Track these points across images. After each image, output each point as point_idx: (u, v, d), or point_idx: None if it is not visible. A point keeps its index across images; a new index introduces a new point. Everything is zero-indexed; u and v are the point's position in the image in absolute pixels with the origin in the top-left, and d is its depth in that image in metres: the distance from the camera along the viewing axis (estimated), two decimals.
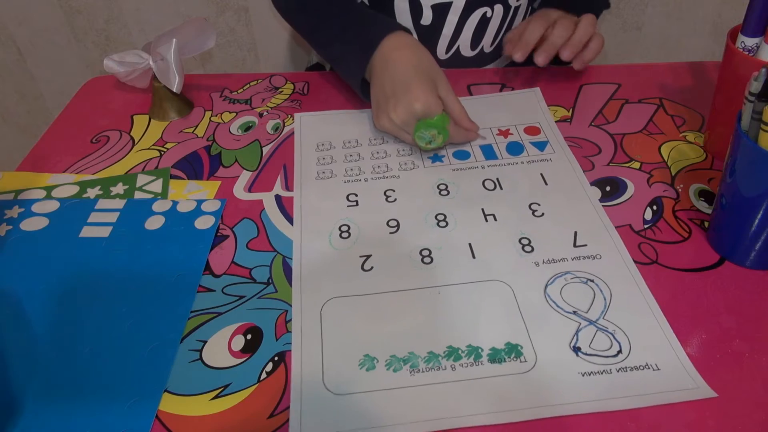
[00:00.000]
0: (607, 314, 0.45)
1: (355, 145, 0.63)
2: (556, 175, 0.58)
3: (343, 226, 0.53)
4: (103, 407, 0.40)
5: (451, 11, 0.72)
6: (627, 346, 0.43)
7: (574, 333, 0.44)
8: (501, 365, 0.42)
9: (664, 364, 0.41)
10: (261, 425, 0.39)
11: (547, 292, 0.47)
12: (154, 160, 0.62)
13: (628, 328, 0.44)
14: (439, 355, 0.43)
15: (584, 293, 0.46)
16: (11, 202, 0.57)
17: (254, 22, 1.13)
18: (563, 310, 0.45)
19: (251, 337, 0.45)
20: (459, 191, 0.56)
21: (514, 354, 0.42)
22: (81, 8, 1.11)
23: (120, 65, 0.67)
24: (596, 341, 0.43)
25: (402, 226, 0.53)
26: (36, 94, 1.24)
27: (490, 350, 0.43)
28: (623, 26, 1.15)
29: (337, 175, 0.59)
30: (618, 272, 0.48)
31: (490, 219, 0.53)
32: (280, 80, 0.74)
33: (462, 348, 0.43)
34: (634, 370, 0.41)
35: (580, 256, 0.49)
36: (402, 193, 0.57)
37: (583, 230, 0.52)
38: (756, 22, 0.54)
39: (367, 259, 0.50)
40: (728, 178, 0.46)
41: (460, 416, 0.39)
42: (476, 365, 0.42)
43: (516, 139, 0.63)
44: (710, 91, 0.61)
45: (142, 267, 0.50)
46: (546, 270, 0.48)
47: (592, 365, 0.42)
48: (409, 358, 0.43)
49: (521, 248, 0.50)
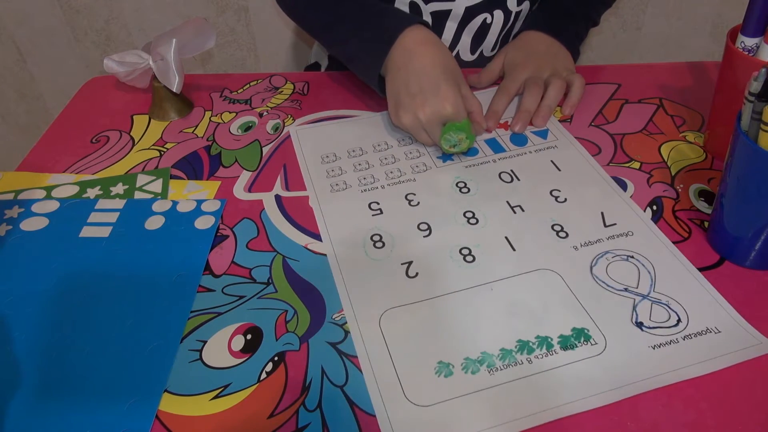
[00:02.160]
0: (656, 287, 0.46)
1: (361, 154, 0.62)
2: (565, 160, 0.59)
3: (374, 236, 0.52)
4: (102, 407, 0.40)
5: (450, 18, 0.72)
6: (684, 315, 0.44)
7: (632, 309, 0.45)
8: (574, 351, 0.42)
9: (723, 327, 0.43)
10: (261, 425, 0.39)
11: (594, 274, 0.48)
12: (154, 160, 0.62)
13: (680, 298, 0.45)
14: (512, 351, 0.43)
15: (628, 270, 0.48)
16: (11, 202, 0.57)
17: (254, 22, 1.13)
18: (615, 289, 0.46)
19: (251, 337, 0.45)
20: (479, 187, 0.57)
21: (584, 338, 0.43)
22: (81, 8, 1.11)
23: (120, 65, 0.67)
24: (655, 314, 0.44)
25: (434, 229, 0.53)
26: (36, 94, 1.24)
27: (559, 338, 0.43)
28: (623, 26, 1.15)
29: (351, 186, 0.58)
30: (653, 246, 0.49)
31: (518, 210, 0.54)
32: (280, 80, 0.74)
33: (532, 340, 0.43)
34: (698, 336, 0.43)
35: (614, 234, 0.51)
36: (423, 195, 0.56)
37: (609, 210, 0.53)
38: (756, 22, 0.54)
39: (409, 265, 0.49)
40: (728, 178, 0.46)
41: (548, 409, 0.39)
42: (550, 355, 0.42)
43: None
44: (710, 91, 0.61)
45: (142, 267, 0.50)
46: (586, 252, 0.49)
47: (659, 338, 0.43)
48: (484, 358, 0.42)
49: (555, 234, 0.51)
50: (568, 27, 0.72)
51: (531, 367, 0.41)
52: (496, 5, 0.71)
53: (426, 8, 0.71)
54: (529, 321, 0.44)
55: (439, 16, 0.71)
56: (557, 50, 0.70)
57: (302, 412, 0.40)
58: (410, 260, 0.50)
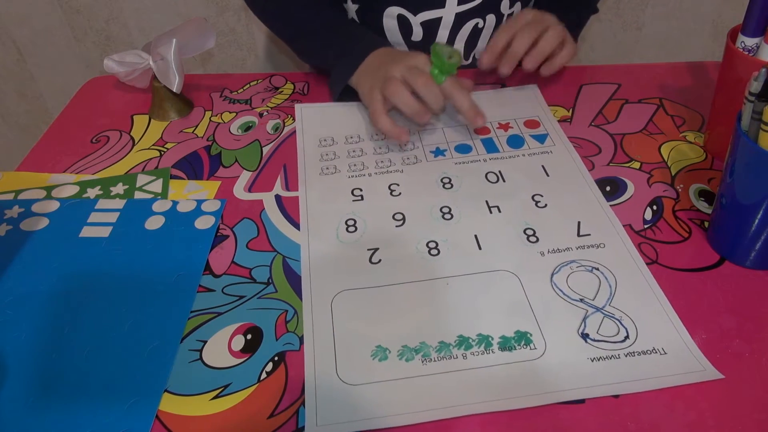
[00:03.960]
0: (613, 301, 0.46)
1: (358, 141, 0.63)
2: (557, 166, 0.58)
3: (349, 221, 0.54)
4: (103, 407, 0.40)
5: (441, 26, 0.71)
6: (634, 332, 0.43)
7: (582, 320, 0.44)
8: (511, 353, 0.42)
9: (670, 348, 0.42)
10: (261, 425, 0.39)
11: (554, 281, 0.47)
12: (154, 160, 0.62)
13: (634, 315, 0.44)
14: (450, 344, 0.43)
15: (590, 281, 0.47)
16: (11, 202, 0.57)
17: (254, 22, 1.13)
18: (570, 298, 0.46)
19: (251, 337, 0.45)
20: (462, 184, 0.57)
21: (524, 341, 0.43)
22: (81, 8, 1.11)
23: (120, 65, 0.67)
24: (603, 327, 0.44)
25: (408, 220, 0.54)
26: (36, 94, 1.24)
27: (500, 338, 0.43)
28: (623, 26, 1.15)
29: (341, 171, 0.59)
30: (622, 260, 0.49)
31: (495, 211, 0.54)
32: (280, 80, 0.74)
33: (472, 337, 0.44)
34: (642, 354, 0.42)
35: (585, 245, 0.50)
36: (406, 187, 0.57)
37: (586, 220, 0.52)
38: (756, 22, 0.54)
39: (374, 252, 0.50)
40: (728, 178, 0.46)
41: (472, 403, 0.40)
42: (487, 353, 0.42)
43: (516, 132, 0.63)
44: (710, 91, 0.61)
45: (142, 267, 0.50)
46: (551, 259, 0.49)
47: (600, 351, 0.42)
48: (421, 348, 0.43)
49: (526, 238, 0.51)
50: (568, 13, 0.72)
51: (464, 363, 0.42)
52: (489, 10, 0.71)
53: (415, 19, 0.71)
54: (475, 319, 0.45)
55: (429, 25, 0.71)
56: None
57: (302, 412, 0.40)
58: (377, 247, 0.51)
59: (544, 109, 0.66)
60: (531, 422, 0.39)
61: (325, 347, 0.44)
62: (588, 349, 0.42)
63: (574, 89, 0.70)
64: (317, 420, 0.39)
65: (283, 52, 1.18)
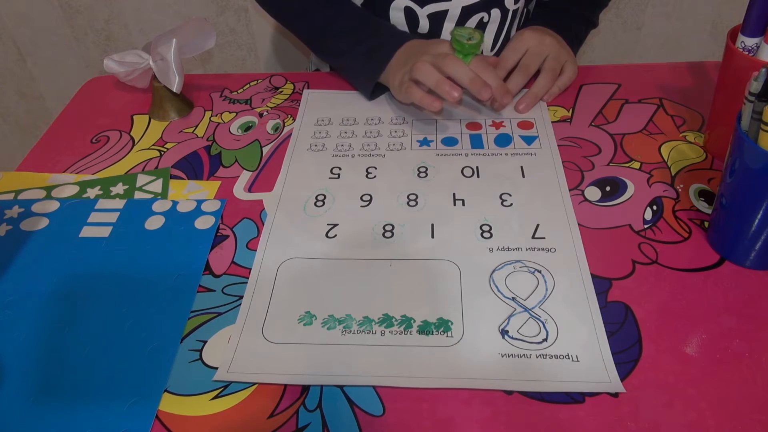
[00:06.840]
0: (544, 304, 0.46)
1: (352, 123, 0.66)
2: (535, 169, 0.59)
3: (319, 196, 0.56)
4: (103, 407, 0.40)
5: (447, 18, 0.72)
6: (554, 336, 0.44)
7: (507, 317, 0.45)
8: (428, 337, 0.44)
9: (585, 357, 0.42)
10: (261, 425, 0.39)
11: (492, 277, 0.48)
12: (154, 160, 0.62)
13: (560, 320, 0.45)
14: (373, 321, 0.45)
15: (528, 282, 0.48)
16: (11, 202, 0.57)
17: (254, 22, 1.13)
18: (503, 295, 0.47)
19: None
20: (437, 175, 0.58)
21: (443, 329, 0.44)
22: (81, 8, 1.11)
23: (120, 65, 0.67)
24: (526, 327, 0.44)
25: (374, 202, 0.56)
26: (36, 94, 1.24)
27: (421, 322, 0.45)
28: (623, 26, 1.15)
29: (327, 149, 0.62)
30: (568, 267, 0.49)
31: (459, 204, 0.55)
32: (280, 80, 0.74)
33: (396, 317, 0.45)
34: (553, 358, 0.42)
35: (536, 247, 0.50)
36: (383, 171, 0.59)
37: (546, 223, 0.53)
38: (756, 22, 0.54)
39: (333, 227, 0.53)
40: (728, 178, 0.46)
41: (379, 376, 0.41)
42: (405, 334, 0.44)
43: (507, 131, 0.64)
44: (710, 91, 0.61)
45: (142, 267, 0.50)
46: (498, 256, 0.50)
47: (513, 348, 0.43)
48: (345, 320, 0.45)
49: (480, 234, 0.52)
50: (570, 26, 0.73)
51: (381, 339, 0.44)
52: (494, 4, 0.71)
53: (422, 12, 0.71)
54: (405, 301, 0.46)
55: (436, 17, 0.72)
56: (561, 40, 0.70)
57: (302, 412, 0.40)
58: (336, 223, 0.53)
59: (542, 111, 0.66)
60: (531, 422, 0.39)
61: (260, 306, 0.46)
62: (502, 345, 0.43)
63: (574, 89, 0.70)
64: (230, 367, 0.42)
65: (283, 52, 1.18)
